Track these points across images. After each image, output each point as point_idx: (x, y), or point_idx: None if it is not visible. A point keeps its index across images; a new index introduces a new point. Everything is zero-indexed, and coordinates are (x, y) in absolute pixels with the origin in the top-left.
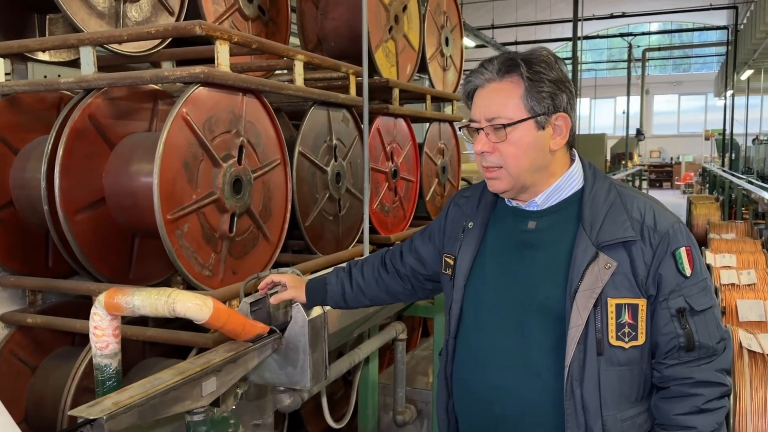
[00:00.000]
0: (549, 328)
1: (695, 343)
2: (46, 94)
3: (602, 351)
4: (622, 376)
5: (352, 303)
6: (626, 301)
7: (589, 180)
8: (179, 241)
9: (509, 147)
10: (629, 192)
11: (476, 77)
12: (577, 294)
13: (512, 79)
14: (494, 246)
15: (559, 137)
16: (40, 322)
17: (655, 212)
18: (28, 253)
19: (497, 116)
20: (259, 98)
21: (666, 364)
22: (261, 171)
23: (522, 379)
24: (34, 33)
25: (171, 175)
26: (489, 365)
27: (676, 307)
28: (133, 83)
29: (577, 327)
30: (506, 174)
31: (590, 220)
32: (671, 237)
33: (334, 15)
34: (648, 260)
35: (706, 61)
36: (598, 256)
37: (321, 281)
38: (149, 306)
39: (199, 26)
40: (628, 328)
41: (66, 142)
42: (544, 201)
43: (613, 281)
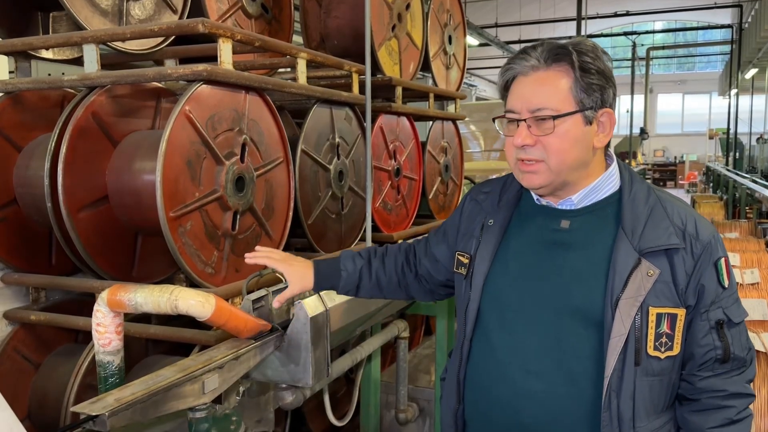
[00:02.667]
0: (586, 335)
1: (731, 355)
2: (49, 92)
3: (639, 361)
4: (653, 386)
5: (363, 294)
6: (666, 311)
7: (626, 182)
8: (182, 239)
9: (555, 140)
10: (668, 197)
11: (519, 64)
12: (620, 302)
13: (561, 68)
14: (519, 244)
15: (603, 134)
16: (43, 319)
17: (696, 220)
18: (32, 251)
19: (543, 107)
20: (262, 96)
21: (700, 376)
22: (264, 169)
23: (555, 386)
24: (38, 31)
25: (174, 173)
26: (514, 369)
27: (716, 318)
28: (136, 81)
29: (620, 336)
30: (546, 169)
31: (631, 223)
32: (713, 247)
33: (337, 13)
34: (689, 269)
35: (710, 60)
36: (640, 263)
37: (334, 267)
38: (152, 303)
39: (202, 24)
40: (665, 338)
41: (69, 140)
42: (581, 200)
43: (654, 290)
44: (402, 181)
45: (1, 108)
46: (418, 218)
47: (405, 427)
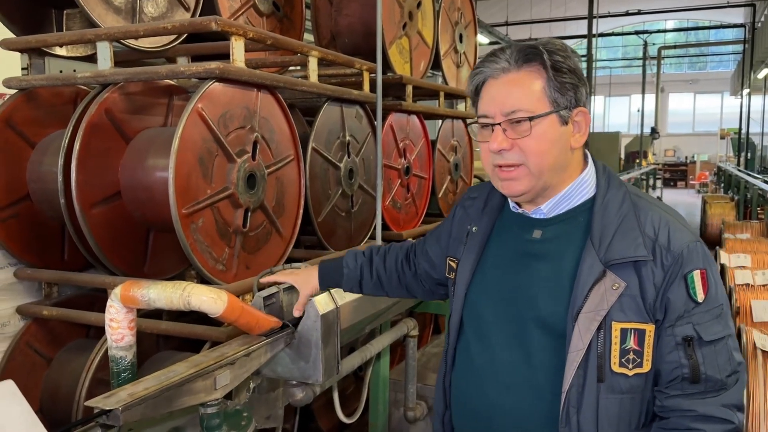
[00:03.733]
0: (552, 347)
1: (701, 375)
2: (62, 88)
3: (603, 378)
4: (623, 403)
5: (367, 291)
6: (633, 326)
7: (602, 187)
8: (194, 236)
9: (532, 142)
10: (645, 203)
11: (489, 67)
12: (580, 315)
13: (532, 69)
14: (497, 254)
15: (579, 134)
16: (55, 314)
17: (670, 229)
18: (44, 246)
19: (517, 109)
20: (274, 94)
21: (667, 394)
22: (275, 167)
23: (520, 400)
24: (52, 28)
25: (186, 169)
26: (488, 381)
27: (683, 335)
28: (149, 78)
29: (578, 351)
30: (527, 173)
31: (600, 233)
32: (685, 258)
33: (348, 11)
34: (658, 283)
35: (723, 59)
36: (605, 275)
37: (337, 265)
38: (164, 299)
39: (215, 22)
40: (633, 355)
41: (82, 136)
42: (550, 209)
43: (620, 303)
44: (412, 180)
45: (16, 104)
46: (427, 217)
47: (413, 425)
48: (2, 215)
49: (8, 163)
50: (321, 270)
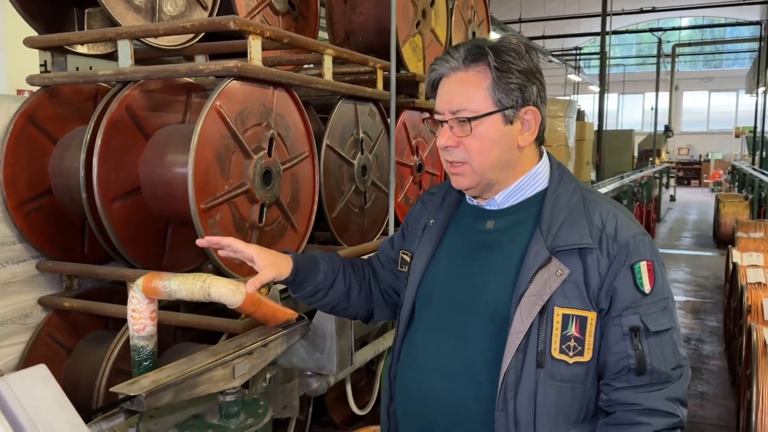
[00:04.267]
0: (494, 333)
1: (647, 366)
2: (83, 85)
3: (543, 363)
4: (562, 392)
5: (330, 299)
6: (574, 312)
7: (554, 180)
8: (212, 230)
9: (474, 142)
10: (595, 197)
11: (440, 65)
12: (523, 299)
13: (479, 69)
14: (452, 245)
15: (528, 132)
16: (76, 306)
17: (618, 221)
18: (66, 240)
19: (462, 108)
20: (289, 92)
21: (613, 387)
22: (290, 163)
23: (458, 387)
24: (74, 26)
25: (205, 165)
26: (427, 370)
27: (629, 325)
28: (169, 76)
29: (518, 334)
30: (471, 170)
31: (548, 222)
32: (631, 248)
33: (362, 10)
34: (603, 271)
35: (738, 56)
36: (550, 262)
37: (311, 260)
38: (185, 290)
39: (233, 21)
40: (573, 342)
41: (104, 132)
42: (504, 200)
43: (563, 289)
44: (424, 177)
45: (38, 101)
46: None
47: None
48: (25, 209)
49: (31, 159)
50: (296, 261)
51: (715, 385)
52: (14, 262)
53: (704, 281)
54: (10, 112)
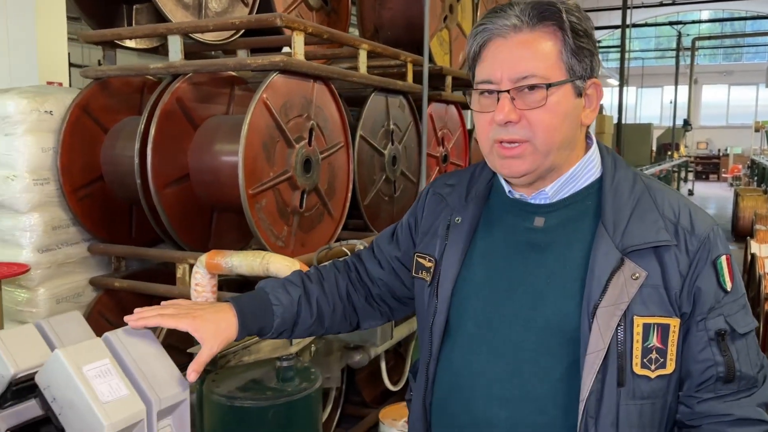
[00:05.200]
0: (559, 352)
1: (736, 373)
2: (131, 78)
3: (624, 381)
4: (643, 411)
5: (301, 333)
6: (656, 321)
7: (608, 168)
8: (258, 214)
9: (545, 115)
10: (658, 185)
11: (495, 23)
12: (598, 310)
13: (547, 29)
14: (489, 247)
15: (590, 110)
16: (126, 286)
17: (691, 211)
18: (115, 224)
19: (531, 74)
20: (327, 85)
21: (699, 398)
22: (327, 152)
23: (520, 414)
24: (123, 22)
25: (252, 153)
26: (477, 395)
27: (716, 328)
28: (218, 70)
29: (598, 352)
30: (533, 151)
31: (613, 217)
32: (712, 242)
33: (390, 5)
34: (684, 270)
35: (759, 50)
36: (623, 264)
37: (261, 303)
38: (246, 266)
39: (280, 18)
40: (656, 354)
41: (157, 122)
42: (555, 192)
43: (641, 295)
44: (449, 167)
45: (91, 93)
46: None
47: None
48: (79, 194)
49: (84, 147)
50: (241, 313)
51: None
52: (68, 244)
53: None
54: (65, 103)
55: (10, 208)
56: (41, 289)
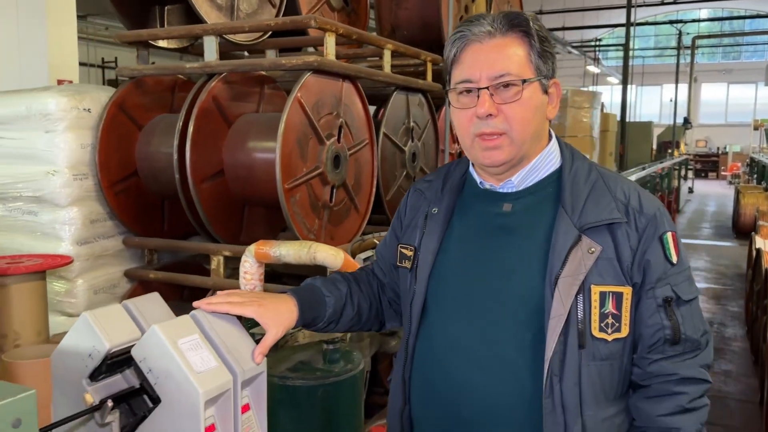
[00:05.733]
0: (526, 320)
1: (681, 335)
2: (163, 77)
3: (584, 344)
4: (602, 371)
5: (342, 327)
6: (611, 289)
7: (567, 160)
8: (293, 208)
9: (519, 109)
10: (611, 174)
11: (471, 30)
12: (559, 281)
13: (517, 36)
14: (462, 232)
15: (552, 106)
16: (161, 277)
17: (640, 194)
18: (148, 218)
19: (507, 73)
20: (354, 84)
21: (649, 359)
22: (354, 149)
23: (493, 379)
24: (155, 23)
25: (288, 150)
26: (453, 363)
27: (663, 296)
28: (252, 69)
29: (559, 317)
30: (510, 142)
31: (571, 201)
32: (659, 220)
33: (407, 5)
34: (634, 245)
35: (757, 48)
36: (581, 240)
37: (316, 294)
38: (293, 254)
39: (314, 20)
40: (611, 319)
41: (195, 120)
42: (521, 181)
43: (597, 267)
44: None
45: (127, 91)
46: None
47: None
48: (115, 189)
49: (121, 143)
50: (300, 303)
51: (738, 364)
52: (105, 237)
53: (725, 270)
54: (102, 101)
55: (51, 202)
56: (80, 280)
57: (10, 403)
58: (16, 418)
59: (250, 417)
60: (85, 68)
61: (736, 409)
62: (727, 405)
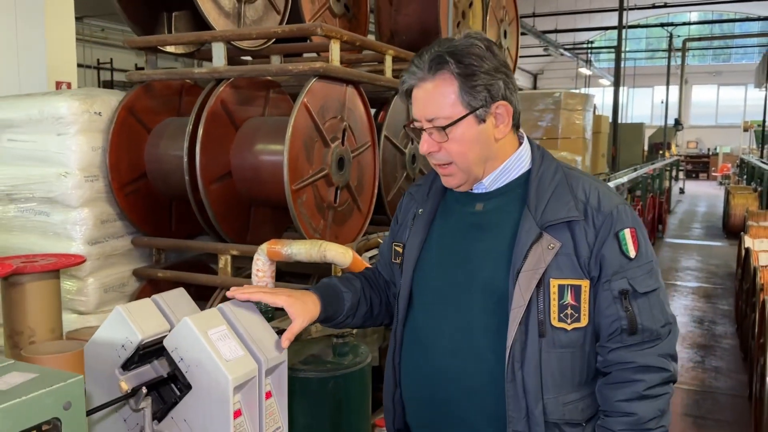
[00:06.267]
0: (492, 310)
1: (638, 326)
2: (171, 81)
3: (544, 333)
4: (563, 358)
5: (356, 321)
6: (569, 282)
7: (536, 162)
8: (300, 208)
9: (453, 145)
10: (575, 173)
11: (409, 77)
12: (520, 274)
13: (444, 77)
14: (442, 230)
15: (502, 125)
16: (169, 276)
17: (600, 193)
18: (157, 218)
19: (435, 116)
20: (357, 88)
21: (608, 348)
22: (357, 151)
23: (465, 363)
24: (163, 28)
25: (295, 152)
26: (433, 349)
27: (619, 288)
28: (259, 75)
29: (519, 308)
30: (457, 170)
31: (535, 200)
32: (615, 218)
33: (406, 11)
34: (591, 241)
35: (747, 51)
36: (542, 237)
37: (334, 291)
38: (304, 253)
39: (320, 28)
40: (570, 310)
41: (205, 123)
42: (491, 183)
43: (556, 262)
44: None
45: (136, 95)
46: None
47: None
48: (126, 190)
49: (130, 146)
50: (322, 298)
51: (728, 360)
52: (115, 237)
53: (715, 269)
54: (111, 105)
55: (63, 203)
56: (90, 279)
57: (61, 387)
58: (66, 401)
59: (272, 403)
60: (81, 69)
61: (726, 403)
62: (718, 400)
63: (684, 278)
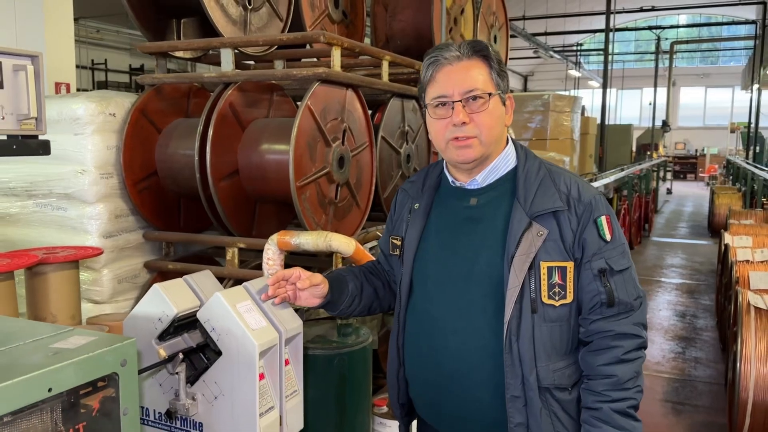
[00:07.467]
0: (490, 293)
1: (615, 299)
2: (179, 85)
3: (536, 309)
4: (552, 331)
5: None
6: (556, 264)
7: (521, 160)
8: (304, 204)
9: (486, 117)
10: (556, 169)
11: (443, 55)
12: (514, 259)
13: (479, 59)
14: (438, 223)
15: (508, 116)
16: (180, 268)
17: (579, 185)
18: (167, 214)
19: (475, 88)
20: (356, 91)
21: (590, 320)
22: (356, 151)
23: (466, 341)
24: (173, 34)
25: (300, 152)
26: (435, 330)
27: (598, 267)
28: (266, 79)
29: (515, 288)
30: (478, 143)
31: (524, 194)
32: (593, 206)
33: (401, 17)
34: (574, 227)
35: (734, 53)
36: (531, 225)
37: (339, 276)
38: (312, 243)
39: (323, 36)
40: (558, 288)
41: (215, 125)
42: (483, 179)
43: (544, 247)
44: None
45: (148, 97)
46: None
47: None
48: (138, 187)
49: (143, 145)
50: (329, 279)
51: (707, 351)
52: (128, 231)
53: (699, 266)
54: (125, 106)
55: (80, 199)
56: (105, 270)
57: (119, 347)
58: (123, 359)
59: (290, 370)
60: (76, 70)
61: (704, 390)
62: (696, 387)
63: (668, 275)
